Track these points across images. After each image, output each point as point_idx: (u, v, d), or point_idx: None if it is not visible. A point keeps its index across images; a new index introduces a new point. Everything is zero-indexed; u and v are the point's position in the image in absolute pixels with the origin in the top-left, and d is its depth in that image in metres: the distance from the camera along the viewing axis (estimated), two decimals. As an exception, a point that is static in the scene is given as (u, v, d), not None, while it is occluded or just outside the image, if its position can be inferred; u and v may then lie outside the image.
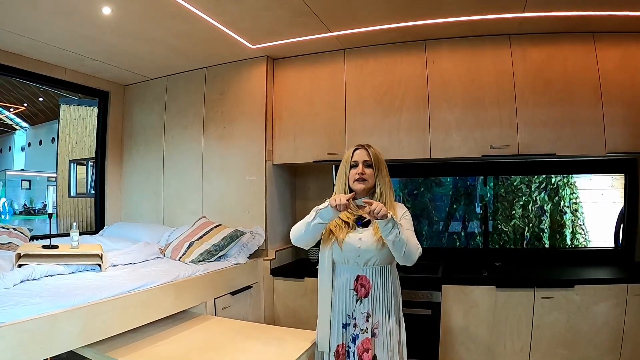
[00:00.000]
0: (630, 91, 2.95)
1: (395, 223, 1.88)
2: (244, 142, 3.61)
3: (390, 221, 1.86)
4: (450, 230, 3.71)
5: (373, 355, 2.03)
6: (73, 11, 2.70)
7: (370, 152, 2.16)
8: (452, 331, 2.90)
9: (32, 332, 1.75)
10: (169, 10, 2.71)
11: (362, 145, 2.19)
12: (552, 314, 2.76)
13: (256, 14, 2.84)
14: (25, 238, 3.18)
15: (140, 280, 2.40)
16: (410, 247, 1.94)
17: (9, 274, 2.17)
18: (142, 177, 4.17)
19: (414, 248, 1.97)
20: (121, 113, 4.31)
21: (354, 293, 2.08)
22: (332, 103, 3.47)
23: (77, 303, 1.97)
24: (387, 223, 1.86)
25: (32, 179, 17.81)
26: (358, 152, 2.17)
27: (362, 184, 2.12)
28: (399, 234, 1.88)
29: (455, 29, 3.08)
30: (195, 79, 3.88)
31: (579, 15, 2.79)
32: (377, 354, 2.04)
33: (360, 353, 2.03)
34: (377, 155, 2.17)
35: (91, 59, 3.54)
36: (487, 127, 3.11)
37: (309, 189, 4.11)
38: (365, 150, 2.17)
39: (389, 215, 1.85)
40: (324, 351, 2.11)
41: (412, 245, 1.95)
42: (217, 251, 3.09)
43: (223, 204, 3.67)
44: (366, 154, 2.16)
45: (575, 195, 3.46)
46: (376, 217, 1.84)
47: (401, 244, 1.91)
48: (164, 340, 2.29)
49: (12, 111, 16.50)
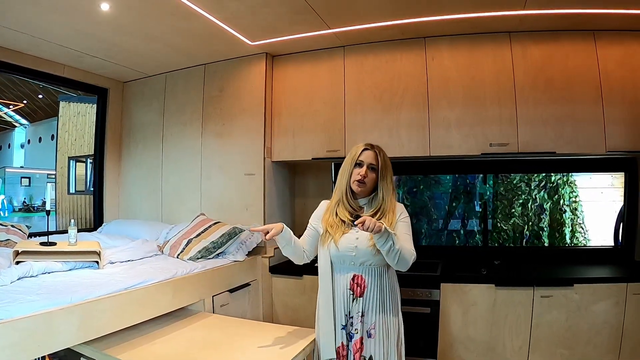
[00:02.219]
0: (631, 90, 2.94)
1: (390, 234, 1.87)
2: (243, 139, 3.60)
3: (384, 234, 1.85)
4: (450, 228, 3.70)
5: (369, 356, 2.03)
6: (72, 8, 2.69)
7: (380, 157, 2.12)
8: (451, 330, 2.89)
9: (29, 330, 1.74)
10: (167, 6, 2.70)
11: (373, 147, 2.15)
12: (551, 313, 2.76)
13: (255, 11, 2.83)
14: (24, 235, 3.18)
15: (138, 277, 2.39)
16: (404, 255, 1.93)
17: (6, 271, 2.16)
18: (140, 174, 4.16)
19: (408, 255, 1.97)
20: (120, 110, 4.30)
21: (350, 292, 2.07)
22: (332, 100, 3.46)
23: (74, 300, 1.96)
24: (380, 236, 1.85)
25: (31, 176, 17.84)
26: (367, 152, 2.13)
27: (361, 186, 2.10)
28: (393, 245, 1.87)
29: (455, 26, 3.06)
30: (194, 76, 3.86)
31: (579, 13, 2.78)
32: (374, 354, 2.03)
33: (354, 353, 2.03)
34: (386, 161, 2.13)
35: (90, 56, 3.53)
36: (487, 124, 3.10)
37: (308, 186, 4.10)
38: (374, 153, 2.13)
39: (383, 227, 1.83)
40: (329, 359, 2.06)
41: (406, 253, 1.95)
42: (215, 248, 3.09)
43: (222, 201, 3.66)
44: (374, 157, 2.12)
45: (575, 193, 3.45)
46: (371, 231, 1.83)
47: (394, 254, 1.90)
48: (162, 338, 2.28)
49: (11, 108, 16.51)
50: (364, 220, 1.78)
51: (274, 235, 1.99)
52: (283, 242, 2.07)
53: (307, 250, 2.20)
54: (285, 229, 2.06)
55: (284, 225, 2.06)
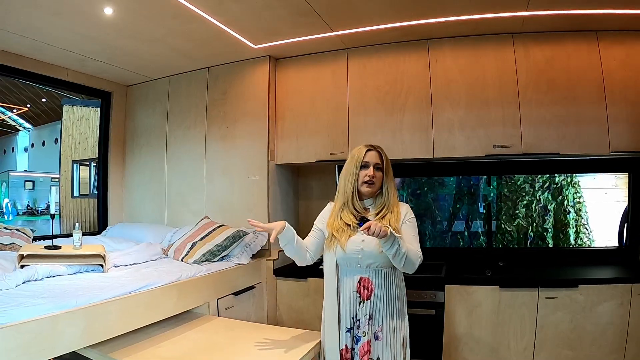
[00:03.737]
0: (634, 90, 2.94)
1: (395, 238, 1.88)
2: (247, 142, 3.61)
3: (389, 238, 1.86)
4: (454, 230, 3.70)
5: (377, 358, 2.03)
6: (75, 11, 2.70)
7: (383, 155, 2.16)
8: (456, 331, 2.89)
9: (34, 333, 1.74)
10: (170, 10, 2.71)
11: (374, 147, 2.18)
12: (556, 314, 2.75)
13: (258, 14, 2.84)
14: (28, 239, 3.18)
15: (142, 280, 2.40)
16: (410, 257, 1.95)
17: (11, 274, 2.17)
18: (144, 178, 4.17)
19: (414, 257, 1.98)
20: (124, 113, 4.31)
21: (357, 295, 2.07)
22: (335, 103, 3.46)
23: (79, 304, 1.97)
24: (386, 240, 1.86)
25: (35, 180, 17.85)
26: (371, 153, 2.16)
27: (370, 187, 2.12)
28: (399, 249, 1.89)
29: (457, 28, 3.06)
30: (198, 79, 3.87)
31: (582, 14, 2.78)
32: (381, 356, 2.03)
33: (361, 356, 2.03)
34: (388, 159, 2.19)
35: (93, 60, 3.54)
36: (491, 126, 3.10)
37: (311, 188, 4.10)
38: (377, 153, 2.16)
39: (389, 232, 1.84)
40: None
41: (412, 255, 1.96)
42: (219, 251, 3.09)
43: (226, 204, 3.67)
44: (378, 157, 2.15)
45: (579, 194, 3.44)
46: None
47: (400, 257, 1.91)
48: (167, 341, 2.29)
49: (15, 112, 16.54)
50: (369, 226, 1.79)
51: (277, 235, 1.99)
52: (284, 241, 2.06)
53: (310, 251, 2.20)
54: (287, 228, 2.05)
55: (286, 223, 2.06)
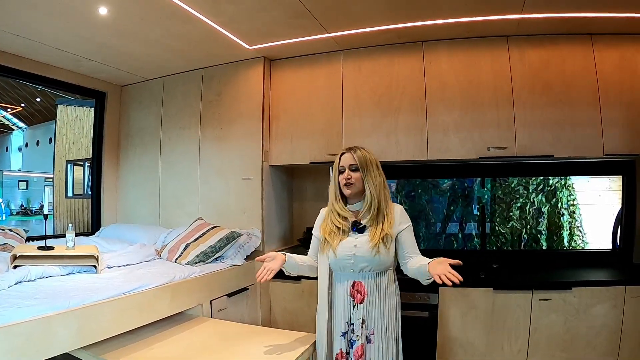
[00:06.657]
0: (629, 93, 2.95)
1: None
2: (241, 143, 3.60)
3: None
4: (448, 232, 3.70)
5: None
6: (70, 11, 2.69)
7: (356, 155, 2.14)
8: (450, 334, 2.89)
9: (26, 335, 1.73)
10: (165, 10, 2.70)
11: (349, 149, 2.18)
12: (549, 316, 2.75)
13: (253, 15, 2.84)
14: (21, 239, 3.17)
15: (136, 282, 2.38)
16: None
17: (3, 275, 2.16)
18: (138, 178, 4.15)
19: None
20: (118, 114, 4.29)
21: (351, 299, 2.08)
22: (330, 104, 3.46)
23: (72, 305, 1.96)
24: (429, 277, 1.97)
25: (29, 180, 17.77)
26: (344, 156, 2.17)
27: (349, 188, 2.13)
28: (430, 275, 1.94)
29: (452, 30, 3.07)
30: (193, 80, 3.86)
31: (577, 17, 2.79)
32: (373, 359, 2.04)
33: (356, 359, 2.03)
34: (365, 156, 2.14)
35: (88, 60, 3.53)
36: (485, 128, 3.10)
37: (306, 190, 4.09)
38: (350, 154, 2.16)
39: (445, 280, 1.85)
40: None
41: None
42: (213, 253, 3.08)
43: (220, 205, 3.66)
44: (351, 157, 2.14)
45: (572, 197, 3.46)
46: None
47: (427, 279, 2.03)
48: (160, 343, 2.28)
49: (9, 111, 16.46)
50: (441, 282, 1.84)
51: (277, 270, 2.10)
52: (290, 269, 2.20)
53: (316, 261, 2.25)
54: (288, 259, 2.16)
55: (285, 254, 2.15)
